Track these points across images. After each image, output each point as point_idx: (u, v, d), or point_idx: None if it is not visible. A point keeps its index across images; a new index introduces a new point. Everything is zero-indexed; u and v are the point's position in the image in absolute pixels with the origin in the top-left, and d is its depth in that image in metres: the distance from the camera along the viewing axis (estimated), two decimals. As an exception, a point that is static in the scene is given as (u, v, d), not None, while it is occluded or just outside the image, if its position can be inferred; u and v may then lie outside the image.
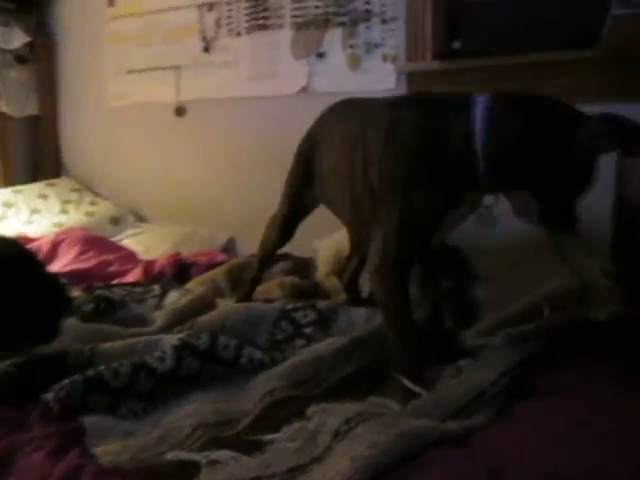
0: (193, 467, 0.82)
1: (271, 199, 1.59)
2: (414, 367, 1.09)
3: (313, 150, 1.42)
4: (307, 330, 1.27)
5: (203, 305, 1.54)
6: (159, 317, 1.45)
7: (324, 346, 1.16)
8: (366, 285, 1.64)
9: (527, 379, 1.03)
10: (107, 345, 1.21)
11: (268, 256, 1.60)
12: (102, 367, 1.08)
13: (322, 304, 1.44)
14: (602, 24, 1.43)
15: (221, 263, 1.99)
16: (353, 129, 1.24)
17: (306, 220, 1.57)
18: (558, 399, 0.94)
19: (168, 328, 1.35)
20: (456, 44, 2.04)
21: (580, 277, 1.42)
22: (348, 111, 1.35)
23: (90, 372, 1.06)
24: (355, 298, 1.57)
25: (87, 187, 2.91)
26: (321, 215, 1.52)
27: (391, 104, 1.20)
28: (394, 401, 1.01)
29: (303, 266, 1.90)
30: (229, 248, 2.52)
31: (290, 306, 1.38)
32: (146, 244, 2.46)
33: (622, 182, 1.68)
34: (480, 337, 1.18)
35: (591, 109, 1.88)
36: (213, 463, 0.81)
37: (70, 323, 1.34)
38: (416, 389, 1.03)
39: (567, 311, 1.28)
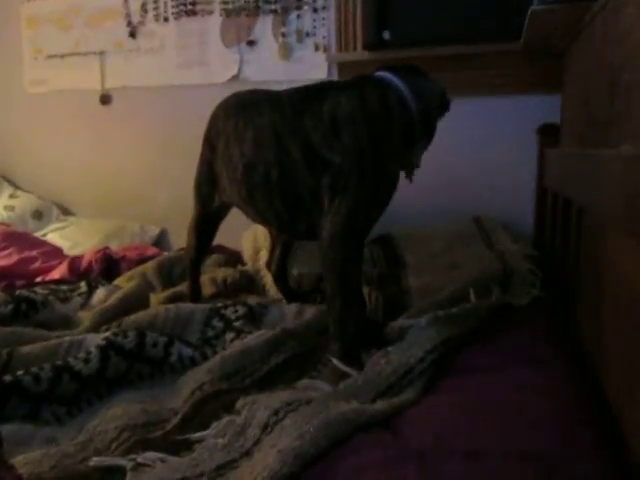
0: (118, 472, 0.79)
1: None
2: (355, 341, 1.13)
3: (215, 151, 1.39)
4: (237, 324, 1.26)
5: (135, 302, 1.49)
6: (86, 318, 1.40)
7: (253, 338, 1.16)
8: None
9: (451, 358, 1.06)
10: (27, 348, 1.15)
11: (196, 263, 1.56)
12: (21, 372, 1.02)
13: (253, 300, 1.43)
14: (525, 18, 1.48)
15: (152, 257, 1.94)
16: (273, 123, 1.23)
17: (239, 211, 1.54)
18: (481, 378, 0.98)
19: (95, 329, 1.30)
20: (386, 34, 2.06)
21: (504, 262, 1.47)
22: (251, 107, 1.31)
23: (7, 378, 1.01)
24: (285, 288, 1.56)
25: (6, 179, 2.75)
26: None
27: (313, 94, 1.23)
28: (325, 382, 1.02)
29: (237, 259, 1.88)
30: (161, 241, 2.46)
31: (220, 304, 1.36)
32: (72, 239, 2.36)
33: (543, 173, 1.76)
34: (407, 319, 1.21)
35: (514, 99, 1.96)
36: (139, 466, 0.79)
37: (-15, 327, 1.26)
38: (347, 370, 1.05)
39: (492, 295, 1.33)
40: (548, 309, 1.34)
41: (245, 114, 1.31)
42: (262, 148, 1.24)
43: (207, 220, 1.50)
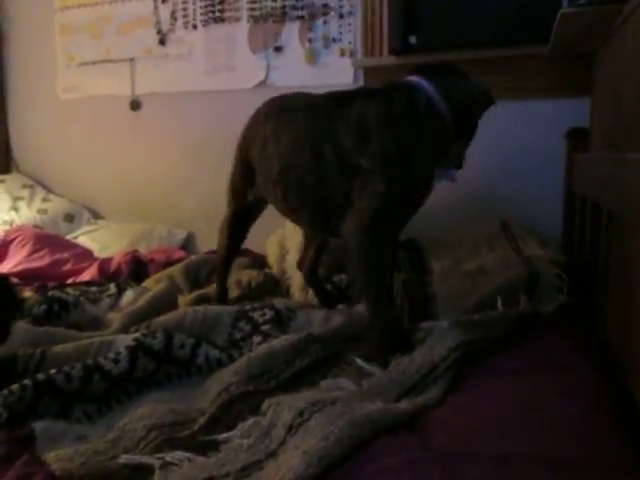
0: (146, 470, 0.81)
1: (229, 195, 1.56)
2: (386, 334, 1.15)
3: (252, 149, 1.42)
4: (264, 327, 1.27)
5: (163, 303, 1.51)
6: (115, 319, 1.42)
7: (279, 341, 1.17)
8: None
9: (477, 361, 1.06)
10: (59, 348, 1.18)
11: (226, 262, 1.58)
12: (53, 371, 1.05)
13: (280, 304, 1.44)
14: (553, 21, 1.47)
15: (179, 260, 1.97)
16: (309, 128, 1.28)
17: (265, 215, 1.56)
18: (507, 382, 0.97)
19: (124, 330, 1.33)
20: (412, 39, 2.05)
21: (531, 268, 1.45)
22: (289, 110, 1.37)
23: (40, 376, 1.03)
24: (318, 288, 1.57)
25: (39, 183, 2.82)
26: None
27: (344, 99, 1.27)
28: (348, 381, 1.02)
29: (262, 262, 1.89)
30: (188, 244, 2.49)
31: (248, 307, 1.37)
32: (102, 241, 2.41)
33: (571, 178, 1.73)
34: (430, 322, 1.21)
35: (542, 103, 1.94)
36: (167, 465, 0.81)
37: (20, 326, 1.30)
38: (371, 369, 1.06)
39: (520, 304, 1.31)
40: (576, 315, 1.32)
41: (284, 117, 1.36)
42: (297, 151, 1.28)
43: (240, 218, 1.53)
